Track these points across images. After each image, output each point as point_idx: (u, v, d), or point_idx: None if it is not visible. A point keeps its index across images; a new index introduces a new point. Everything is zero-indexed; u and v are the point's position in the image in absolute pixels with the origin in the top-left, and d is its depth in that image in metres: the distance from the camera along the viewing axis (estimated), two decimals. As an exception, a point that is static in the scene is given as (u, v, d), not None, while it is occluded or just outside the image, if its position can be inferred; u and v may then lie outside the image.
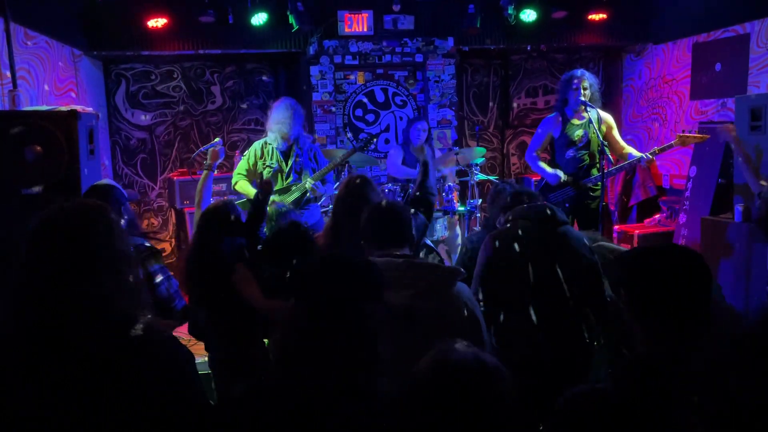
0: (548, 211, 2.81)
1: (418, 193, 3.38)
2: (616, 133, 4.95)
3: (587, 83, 4.75)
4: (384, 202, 2.51)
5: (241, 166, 4.79)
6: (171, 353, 1.49)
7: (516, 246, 2.74)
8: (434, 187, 3.49)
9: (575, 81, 4.75)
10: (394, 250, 2.32)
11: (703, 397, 1.36)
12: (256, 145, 4.80)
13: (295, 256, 2.83)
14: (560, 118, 4.88)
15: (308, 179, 4.62)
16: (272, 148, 4.71)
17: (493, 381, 1.25)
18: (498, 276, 2.75)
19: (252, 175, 4.74)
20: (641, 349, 1.51)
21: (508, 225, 2.86)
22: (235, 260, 2.87)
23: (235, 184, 4.77)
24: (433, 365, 1.28)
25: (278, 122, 4.65)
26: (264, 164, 4.71)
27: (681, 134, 4.71)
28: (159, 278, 2.83)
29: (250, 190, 4.65)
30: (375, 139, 4.85)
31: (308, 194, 4.60)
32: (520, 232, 2.78)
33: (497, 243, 2.79)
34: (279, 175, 4.69)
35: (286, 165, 4.69)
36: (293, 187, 4.64)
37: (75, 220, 1.49)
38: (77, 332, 1.40)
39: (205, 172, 3.72)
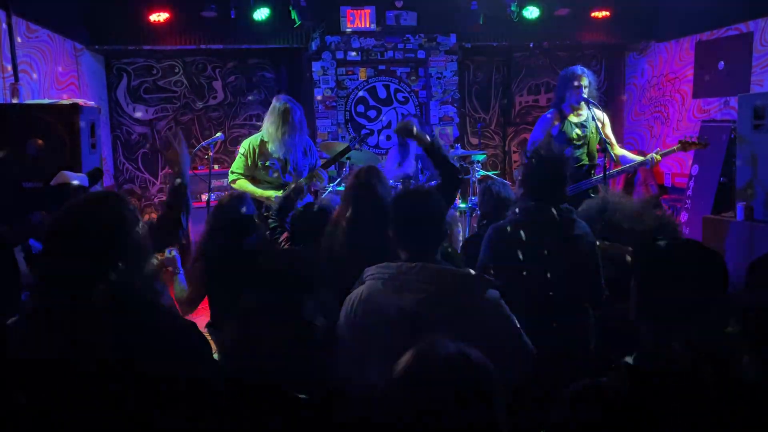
0: (553, 208, 2.79)
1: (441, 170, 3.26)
2: (609, 131, 4.89)
3: (587, 81, 4.69)
4: (414, 199, 2.24)
5: (239, 164, 4.54)
6: (190, 338, 1.54)
7: (517, 241, 2.74)
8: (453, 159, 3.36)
9: (575, 79, 4.69)
10: (422, 256, 2.14)
11: (707, 392, 1.35)
12: (253, 141, 4.57)
13: (315, 237, 2.88)
14: (557, 115, 4.81)
15: (315, 171, 4.45)
16: (270, 147, 4.52)
17: (477, 375, 1.24)
18: (499, 270, 2.75)
19: (250, 173, 4.53)
20: (648, 344, 1.50)
21: (512, 218, 2.84)
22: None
23: (233, 182, 4.55)
24: (416, 359, 1.28)
25: (276, 138, 4.45)
26: (264, 164, 4.54)
27: (683, 140, 4.65)
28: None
29: (251, 188, 4.42)
30: (369, 136, 4.73)
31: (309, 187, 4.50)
32: (523, 227, 2.77)
33: (499, 237, 2.78)
34: (279, 173, 4.57)
35: (287, 164, 4.55)
36: (290, 184, 4.52)
37: (95, 209, 1.54)
38: (98, 318, 1.44)
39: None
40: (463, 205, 5.48)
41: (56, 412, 1.40)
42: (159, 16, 6.08)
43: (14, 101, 3.98)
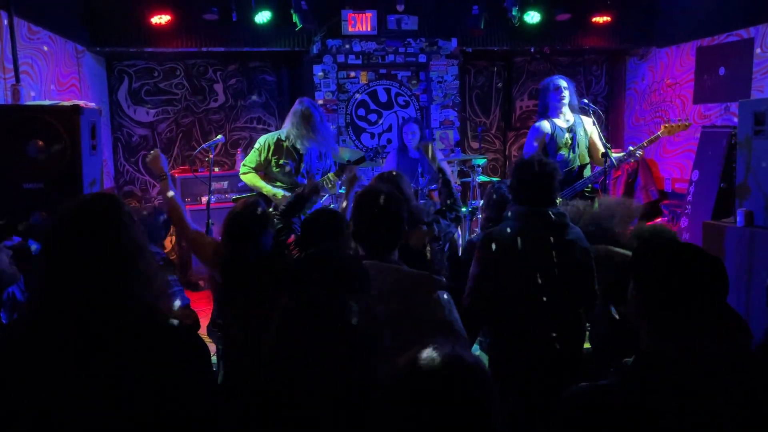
0: (549, 213, 2.80)
1: (446, 205, 3.35)
2: (596, 137, 4.98)
3: (564, 83, 4.86)
4: (382, 201, 2.32)
5: (252, 158, 4.64)
6: (189, 343, 1.54)
7: (512, 246, 2.74)
8: (458, 200, 3.45)
9: (552, 83, 4.87)
10: (383, 255, 2.22)
11: (709, 394, 1.35)
12: (270, 138, 4.66)
13: (328, 239, 2.88)
14: (546, 123, 4.93)
15: (330, 175, 4.50)
16: (288, 146, 4.59)
17: (470, 378, 1.25)
18: (493, 275, 2.75)
19: (262, 169, 4.63)
20: (647, 346, 1.50)
21: (507, 224, 2.84)
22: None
23: (243, 174, 4.64)
24: (411, 362, 1.29)
25: (298, 137, 4.54)
26: (278, 161, 4.60)
27: (666, 124, 4.76)
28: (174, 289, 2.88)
29: (260, 184, 4.55)
30: (382, 151, 4.85)
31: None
32: (517, 231, 2.77)
33: (494, 242, 2.79)
34: (292, 173, 4.63)
35: (300, 165, 4.62)
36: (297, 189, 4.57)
37: (94, 211, 1.54)
38: (98, 320, 1.45)
39: (161, 182, 3.27)
40: (463, 209, 5.48)
41: (55, 412, 1.40)
42: (160, 19, 6.08)
43: (15, 102, 3.98)
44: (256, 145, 4.67)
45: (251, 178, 4.61)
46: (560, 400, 1.47)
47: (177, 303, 3.13)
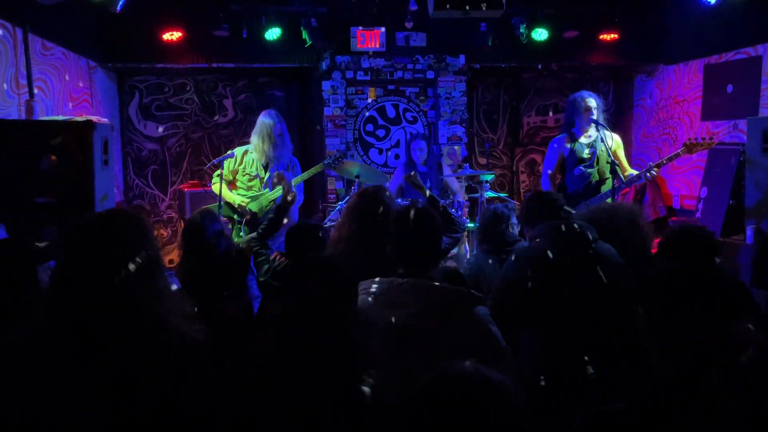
0: (578, 229, 2.71)
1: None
2: (621, 153, 4.99)
3: (595, 103, 4.86)
4: (412, 215, 2.31)
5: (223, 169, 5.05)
6: (199, 357, 1.55)
7: (544, 265, 2.64)
8: (456, 221, 3.45)
9: (583, 103, 4.87)
10: (419, 271, 2.21)
11: (721, 415, 1.35)
12: (238, 151, 5.08)
13: (309, 250, 3.04)
14: (568, 138, 4.96)
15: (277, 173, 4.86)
16: (254, 158, 5.00)
17: (495, 396, 1.24)
18: (522, 294, 2.68)
19: (230, 179, 5.06)
20: (658, 368, 1.50)
21: (537, 240, 2.75)
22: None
23: (214, 185, 5.03)
24: (434, 379, 1.29)
25: (259, 148, 4.95)
26: (243, 171, 5.00)
27: (687, 142, 4.68)
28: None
29: (225, 193, 4.92)
30: (344, 156, 5.15)
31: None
32: (548, 250, 2.68)
33: (523, 260, 2.71)
34: (257, 181, 5.00)
35: (265, 173, 4.99)
36: (266, 192, 4.96)
37: (112, 225, 1.57)
38: (110, 332, 1.46)
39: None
40: (471, 225, 5.49)
41: (57, 415, 1.41)
42: (172, 35, 6.16)
43: (29, 118, 4.03)
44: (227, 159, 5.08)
45: (216, 188, 5.00)
46: (574, 423, 1.46)
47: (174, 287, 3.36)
